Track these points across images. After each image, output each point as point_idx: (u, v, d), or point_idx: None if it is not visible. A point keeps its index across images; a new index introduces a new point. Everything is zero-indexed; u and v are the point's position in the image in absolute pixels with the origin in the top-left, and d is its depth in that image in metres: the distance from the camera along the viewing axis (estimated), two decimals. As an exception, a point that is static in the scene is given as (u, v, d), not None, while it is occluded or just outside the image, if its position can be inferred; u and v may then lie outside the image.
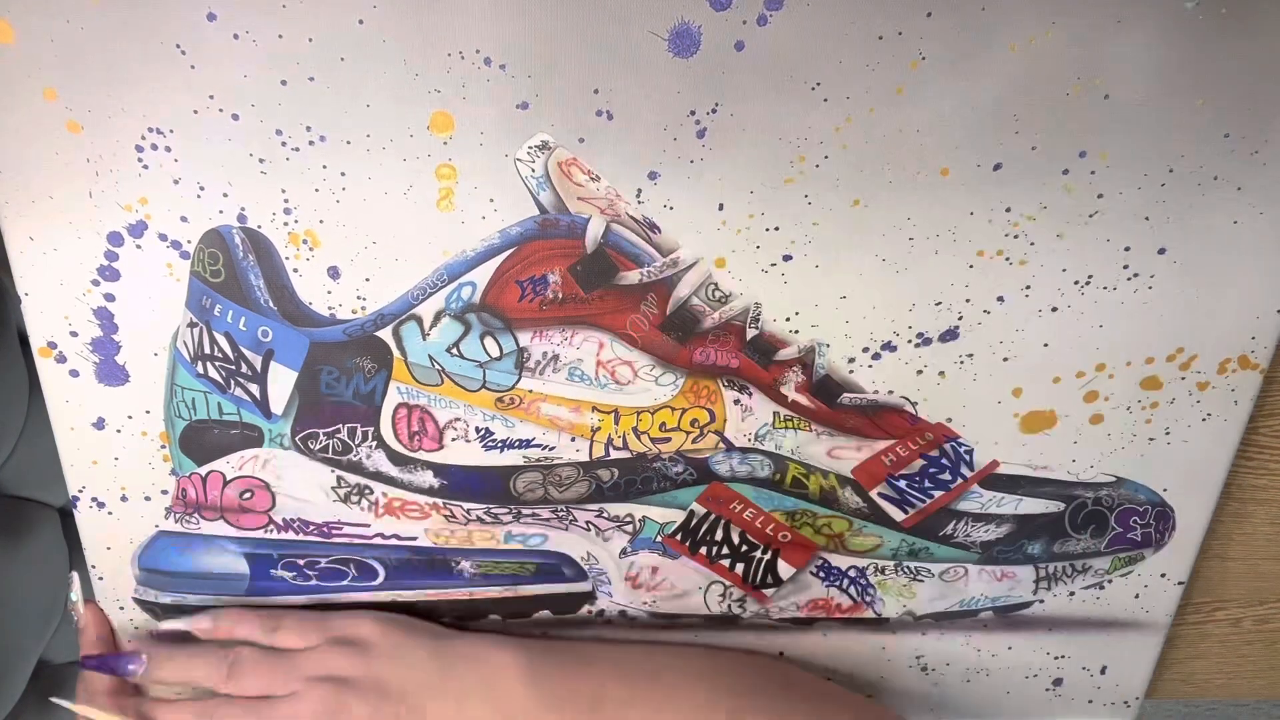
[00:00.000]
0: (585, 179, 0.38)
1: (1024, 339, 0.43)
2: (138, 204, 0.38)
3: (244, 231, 0.39)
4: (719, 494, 0.45)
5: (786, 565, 0.47)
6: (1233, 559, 0.53)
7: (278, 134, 0.37)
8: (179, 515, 0.44)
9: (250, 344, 0.40)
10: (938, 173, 0.39)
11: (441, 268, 0.40)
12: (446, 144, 0.37)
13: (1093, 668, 0.52)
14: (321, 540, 0.45)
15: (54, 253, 0.39)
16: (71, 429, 0.42)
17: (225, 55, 0.35)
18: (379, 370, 0.41)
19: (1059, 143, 0.38)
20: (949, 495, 0.46)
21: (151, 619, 0.47)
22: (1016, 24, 0.36)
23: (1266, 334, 0.43)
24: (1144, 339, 0.43)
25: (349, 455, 0.43)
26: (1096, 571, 0.49)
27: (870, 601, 0.49)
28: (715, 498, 0.45)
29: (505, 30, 0.35)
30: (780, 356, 0.42)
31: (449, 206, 0.38)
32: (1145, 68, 0.37)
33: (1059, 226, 0.40)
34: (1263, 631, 0.56)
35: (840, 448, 0.45)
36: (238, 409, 0.42)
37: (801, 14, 0.35)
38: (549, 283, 0.40)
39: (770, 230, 0.39)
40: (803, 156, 0.38)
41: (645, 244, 0.40)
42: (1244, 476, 0.50)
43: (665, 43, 0.36)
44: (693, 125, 0.37)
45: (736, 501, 0.45)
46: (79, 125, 0.36)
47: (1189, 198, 0.40)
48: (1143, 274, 0.41)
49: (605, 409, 0.43)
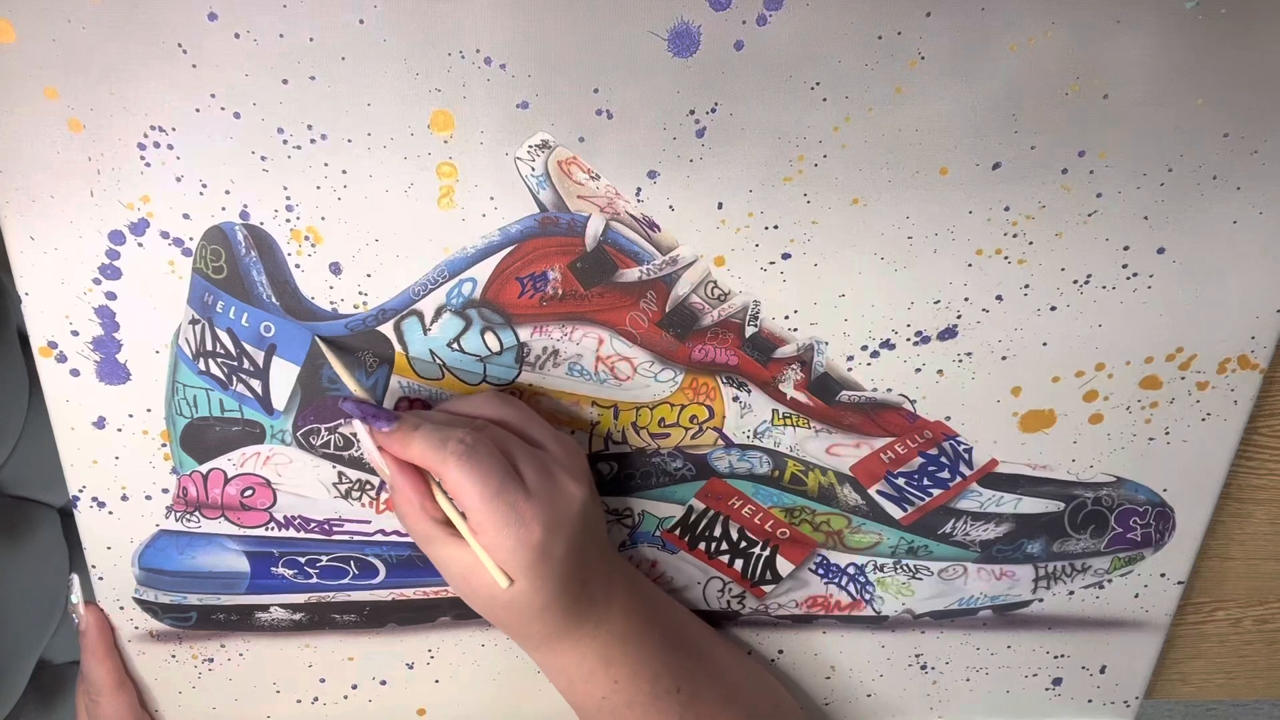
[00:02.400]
0: (585, 177, 0.38)
1: (1023, 338, 0.43)
2: (139, 202, 0.38)
3: (246, 228, 0.39)
4: (718, 490, 0.45)
5: (785, 562, 0.47)
6: (1233, 559, 0.53)
7: (279, 132, 0.37)
8: (179, 514, 0.44)
9: (252, 339, 0.41)
10: (937, 172, 0.39)
11: (443, 264, 0.40)
12: (447, 142, 0.37)
13: (1092, 667, 0.52)
14: (322, 537, 0.45)
15: (55, 252, 0.39)
16: (72, 428, 0.42)
17: (227, 54, 0.35)
18: (381, 365, 0.41)
19: (1058, 142, 0.38)
20: (948, 493, 0.46)
21: (152, 619, 0.47)
22: (1016, 24, 0.36)
23: (1266, 333, 0.43)
24: (1143, 338, 0.43)
25: (350, 451, 0.43)
26: (1096, 571, 0.49)
27: (869, 599, 0.49)
28: (714, 493, 0.45)
29: (506, 30, 0.35)
30: (779, 354, 0.42)
31: (450, 204, 0.38)
32: (1144, 68, 0.37)
33: (1058, 225, 0.40)
34: (1263, 631, 0.56)
35: (839, 445, 0.45)
36: (239, 405, 0.42)
37: (801, 14, 0.35)
38: (549, 279, 0.40)
39: (769, 229, 0.40)
40: (802, 155, 0.38)
41: (645, 242, 0.40)
42: (1244, 476, 0.50)
43: (665, 42, 0.36)
44: (692, 124, 0.37)
45: (735, 497, 0.45)
46: (80, 124, 0.36)
47: (1188, 197, 0.40)
48: (1142, 273, 0.41)
49: (605, 404, 0.43)
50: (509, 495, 0.36)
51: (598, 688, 0.41)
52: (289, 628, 0.47)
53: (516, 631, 0.40)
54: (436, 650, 0.49)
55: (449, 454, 0.36)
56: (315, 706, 0.50)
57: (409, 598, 0.47)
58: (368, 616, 0.47)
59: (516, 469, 0.37)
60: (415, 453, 0.37)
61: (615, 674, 0.41)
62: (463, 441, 0.36)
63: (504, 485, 0.36)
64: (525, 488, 0.37)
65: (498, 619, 0.40)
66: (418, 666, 0.49)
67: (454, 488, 0.36)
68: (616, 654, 0.41)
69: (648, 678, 0.41)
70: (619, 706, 0.41)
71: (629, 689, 0.41)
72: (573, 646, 0.40)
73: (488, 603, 0.39)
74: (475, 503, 0.36)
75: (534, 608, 0.38)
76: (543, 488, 0.37)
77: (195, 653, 0.48)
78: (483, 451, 0.36)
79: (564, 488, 0.38)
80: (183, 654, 0.48)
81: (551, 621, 0.39)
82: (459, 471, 0.36)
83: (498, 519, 0.36)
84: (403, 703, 0.50)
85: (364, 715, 0.50)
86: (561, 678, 0.42)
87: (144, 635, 0.47)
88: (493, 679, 0.50)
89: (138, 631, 0.47)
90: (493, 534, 0.37)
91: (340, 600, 0.47)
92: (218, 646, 0.48)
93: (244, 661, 0.48)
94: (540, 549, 0.37)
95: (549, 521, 0.37)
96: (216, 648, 0.48)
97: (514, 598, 0.38)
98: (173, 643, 0.48)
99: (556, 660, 0.41)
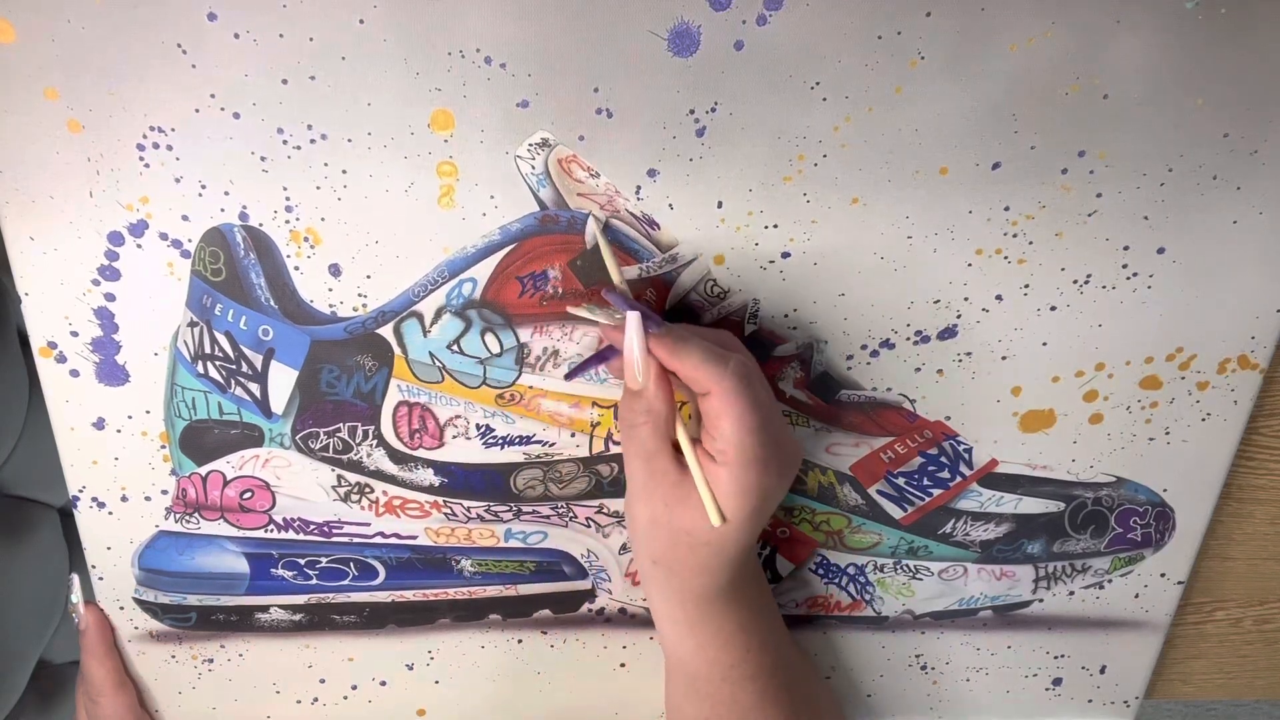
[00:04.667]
0: (585, 176, 0.38)
1: (1023, 338, 0.43)
2: (138, 203, 0.38)
3: (245, 229, 0.39)
4: (719, 493, 0.45)
5: (785, 561, 0.47)
6: (1233, 559, 0.53)
7: (279, 132, 0.37)
8: (179, 515, 0.44)
9: (251, 343, 0.40)
10: (937, 171, 0.39)
11: (442, 264, 0.40)
12: (447, 141, 0.37)
13: (1092, 667, 0.52)
14: (322, 540, 0.45)
15: (54, 252, 0.39)
16: (71, 429, 0.42)
17: (226, 54, 0.35)
18: (380, 368, 0.41)
19: (1058, 142, 0.38)
20: (948, 493, 0.46)
21: (152, 619, 0.47)
22: (1016, 24, 0.36)
23: (1266, 333, 0.43)
24: (1143, 338, 0.43)
25: (349, 454, 0.43)
26: (1096, 571, 0.49)
27: (870, 599, 0.49)
28: (715, 496, 0.45)
29: (505, 29, 0.35)
30: (778, 352, 0.42)
31: (450, 204, 0.38)
32: (1144, 67, 0.37)
33: (1058, 225, 0.40)
34: (1263, 631, 0.56)
35: (838, 444, 0.45)
36: (238, 408, 0.42)
37: (801, 14, 0.35)
38: (549, 278, 0.40)
39: (769, 228, 0.40)
40: (802, 155, 0.38)
41: (644, 240, 0.40)
42: (1244, 476, 0.50)
43: (665, 42, 0.36)
44: (692, 124, 0.37)
45: (736, 500, 0.45)
46: (80, 124, 0.36)
47: (1188, 197, 0.40)
48: (1142, 273, 0.41)
49: (605, 404, 0.43)
50: (771, 432, 0.34)
51: (730, 654, 0.39)
52: (289, 628, 0.47)
53: (679, 578, 0.37)
54: (436, 651, 0.49)
55: (730, 373, 0.33)
56: (315, 707, 0.50)
57: (408, 599, 0.47)
58: (367, 618, 0.47)
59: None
60: (691, 362, 0.34)
61: (749, 642, 0.39)
62: (744, 365, 0.34)
63: (770, 420, 0.34)
64: (788, 428, 0.35)
65: (672, 559, 0.37)
66: (417, 667, 0.49)
67: (722, 409, 0.33)
68: (752, 623, 0.39)
69: (772, 650, 0.40)
70: (744, 678, 0.39)
71: (758, 659, 0.39)
72: (726, 605, 0.38)
73: (676, 536, 0.36)
74: (736, 430, 0.33)
75: (724, 556, 0.36)
76: (786, 434, 0.35)
77: (195, 653, 0.48)
78: (758, 382, 0.34)
79: (793, 438, 0.36)
80: (183, 654, 0.48)
81: (724, 577, 0.37)
82: (734, 393, 0.33)
83: (749, 453, 0.34)
84: (403, 703, 0.50)
85: (364, 715, 0.50)
86: (690, 640, 0.39)
87: (144, 635, 0.47)
88: (492, 679, 0.50)
89: (138, 632, 0.47)
90: (737, 468, 0.34)
91: (340, 601, 0.47)
92: (218, 647, 0.48)
93: (244, 662, 0.48)
94: (769, 495, 0.35)
95: (784, 469, 0.35)
96: (216, 648, 0.48)
97: (713, 540, 0.35)
98: (172, 643, 0.48)
99: (702, 619, 0.38)
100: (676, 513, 0.36)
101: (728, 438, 0.34)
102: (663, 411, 0.36)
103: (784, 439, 0.36)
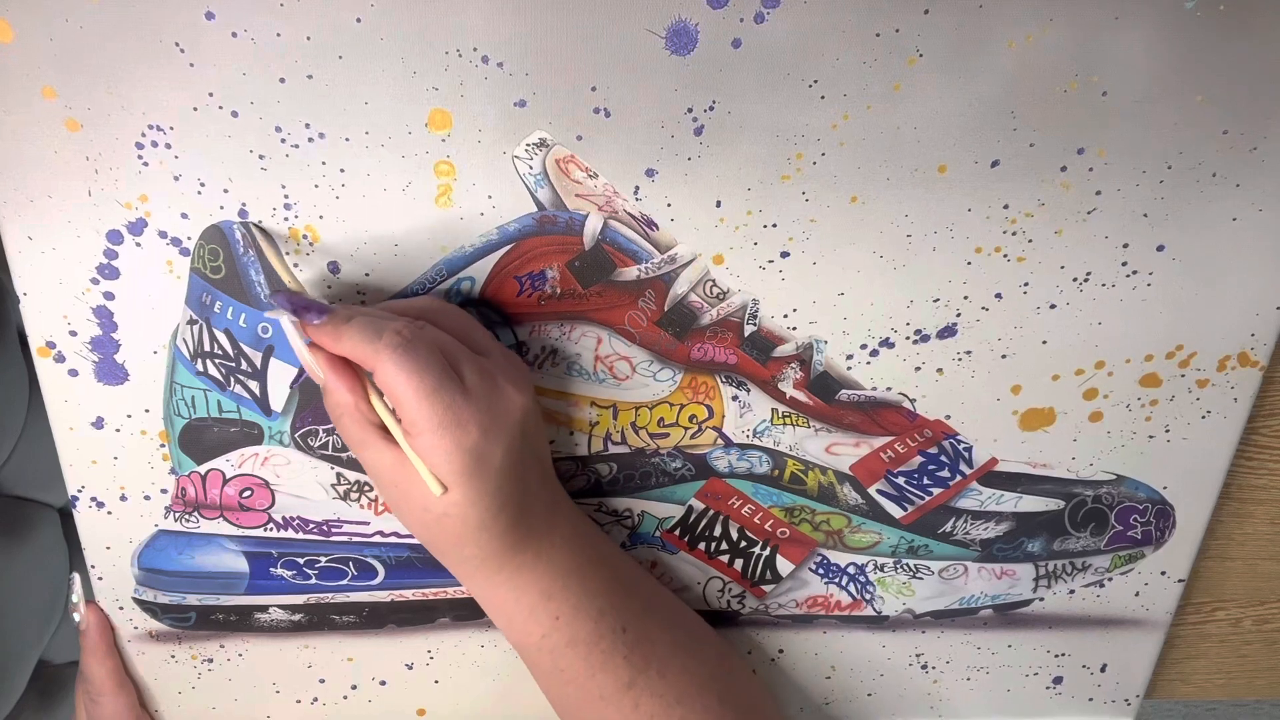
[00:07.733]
0: (583, 176, 0.38)
1: (1022, 336, 0.43)
2: (137, 201, 0.38)
3: (244, 227, 0.39)
4: (717, 489, 0.45)
5: (785, 561, 0.47)
6: (1233, 559, 0.53)
7: (277, 131, 0.37)
8: (179, 514, 0.44)
9: (250, 340, 0.40)
10: (935, 169, 0.39)
11: (440, 263, 0.40)
12: (445, 141, 0.37)
13: (1093, 666, 0.52)
14: (321, 539, 0.45)
15: (53, 252, 0.39)
16: (71, 428, 0.42)
17: (224, 53, 0.35)
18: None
19: (1057, 139, 0.38)
20: (948, 492, 0.46)
21: (151, 619, 0.47)
22: (1014, 21, 0.36)
23: (1266, 331, 0.43)
24: (1143, 336, 0.43)
25: (348, 452, 0.43)
26: (1096, 569, 0.49)
27: (870, 599, 0.49)
28: (714, 493, 0.45)
29: (503, 28, 0.35)
30: (778, 353, 0.42)
31: (448, 203, 0.38)
32: (1143, 64, 0.37)
33: (1057, 223, 0.40)
34: (1263, 631, 0.56)
35: (838, 444, 0.45)
36: (237, 406, 0.42)
37: (799, 11, 0.35)
38: (547, 278, 0.40)
39: (768, 227, 0.40)
40: (800, 154, 0.38)
41: (643, 240, 0.40)
42: (1244, 476, 0.50)
43: (663, 40, 0.36)
44: (690, 123, 0.37)
45: (735, 497, 0.45)
46: (78, 123, 0.36)
47: (1188, 194, 0.40)
48: (1141, 271, 0.41)
49: (604, 404, 0.43)
50: (446, 394, 0.34)
51: (538, 624, 0.39)
52: (288, 628, 0.47)
53: (451, 554, 0.38)
54: (436, 651, 0.49)
55: (383, 345, 0.33)
56: (315, 707, 0.50)
57: (408, 599, 0.47)
58: (367, 617, 0.47)
59: (456, 370, 0.35)
60: (347, 346, 0.34)
61: (556, 609, 0.39)
62: (399, 334, 0.34)
63: (441, 383, 0.34)
64: (464, 388, 0.35)
65: (432, 538, 0.37)
66: (417, 667, 0.49)
67: (387, 383, 0.34)
68: (558, 588, 0.39)
69: (592, 615, 0.39)
70: (560, 645, 0.39)
71: (571, 626, 0.39)
72: (511, 577, 0.38)
73: (421, 516, 0.36)
74: (410, 399, 0.33)
75: (469, 523, 0.36)
76: (483, 390, 0.35)
77: (195, 653, 0.48)
78: (421, 346, 0.34)
79: (505, 393, 0.36)
80: (182, 654, 0.48)
81: (488, 544, 0.37)
82: (393, 364, 0.33)
83: (433, 418, 0.34)
84: (402, 703, 0.50)
85: (364, 715, 0.50)
86: (500, 614, 0.39)
87: (144, 635, 0.47)
88: (492, 679, 0.50)
89: (137, 631, 0.47)
90: (428, 435, 0.34)
91: (339, 601, 0.47)
92: (217, 647, 0.48)
93: (244, 662, 0.48)
94: (477, 454, 0.35)
95: (487, 425, 0.35)
96: (216, 648, 0.48)
97: (448, 509, 0.35)
98: (172, 643, 0.48)
99: (495, 593, 0.39)
100: (408, 493, 0.36)
101: (407, 406, 0.34)
102: (348, 400, 0.36)
103: (477, 392, 0.35)
